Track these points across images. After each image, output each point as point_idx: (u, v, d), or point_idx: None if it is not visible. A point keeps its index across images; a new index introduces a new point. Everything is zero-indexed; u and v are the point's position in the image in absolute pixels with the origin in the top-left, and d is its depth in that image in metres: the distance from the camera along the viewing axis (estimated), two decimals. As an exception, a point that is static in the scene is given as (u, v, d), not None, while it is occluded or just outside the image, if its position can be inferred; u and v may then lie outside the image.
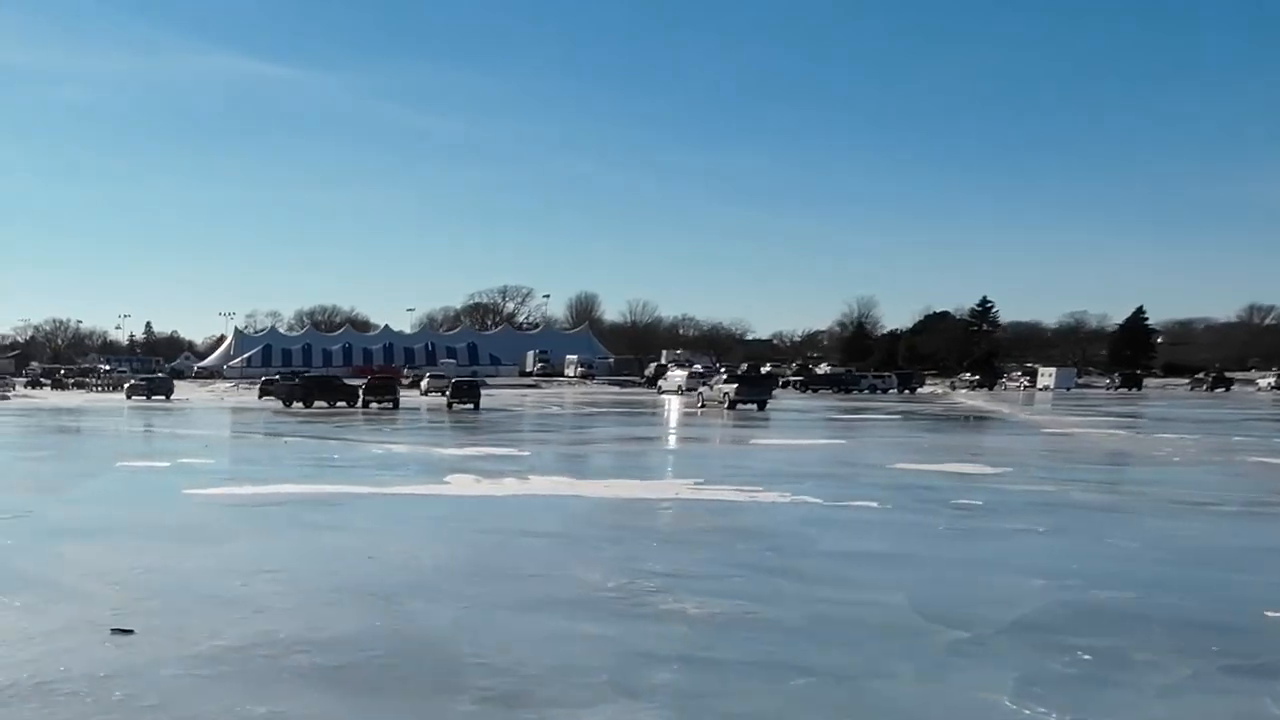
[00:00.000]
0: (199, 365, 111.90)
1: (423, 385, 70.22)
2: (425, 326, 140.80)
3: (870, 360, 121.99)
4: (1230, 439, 28.32)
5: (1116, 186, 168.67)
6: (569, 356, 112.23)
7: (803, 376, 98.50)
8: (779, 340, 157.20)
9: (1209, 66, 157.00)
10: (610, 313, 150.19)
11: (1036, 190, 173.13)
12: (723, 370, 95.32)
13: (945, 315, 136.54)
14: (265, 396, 61.83)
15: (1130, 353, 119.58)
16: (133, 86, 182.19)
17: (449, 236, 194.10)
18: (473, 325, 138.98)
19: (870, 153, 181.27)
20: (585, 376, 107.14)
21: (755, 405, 49.12)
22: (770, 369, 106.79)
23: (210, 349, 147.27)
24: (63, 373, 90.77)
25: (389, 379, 51.95)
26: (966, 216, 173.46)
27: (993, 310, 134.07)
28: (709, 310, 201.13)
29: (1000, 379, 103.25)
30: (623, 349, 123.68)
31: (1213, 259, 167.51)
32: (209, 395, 71.75)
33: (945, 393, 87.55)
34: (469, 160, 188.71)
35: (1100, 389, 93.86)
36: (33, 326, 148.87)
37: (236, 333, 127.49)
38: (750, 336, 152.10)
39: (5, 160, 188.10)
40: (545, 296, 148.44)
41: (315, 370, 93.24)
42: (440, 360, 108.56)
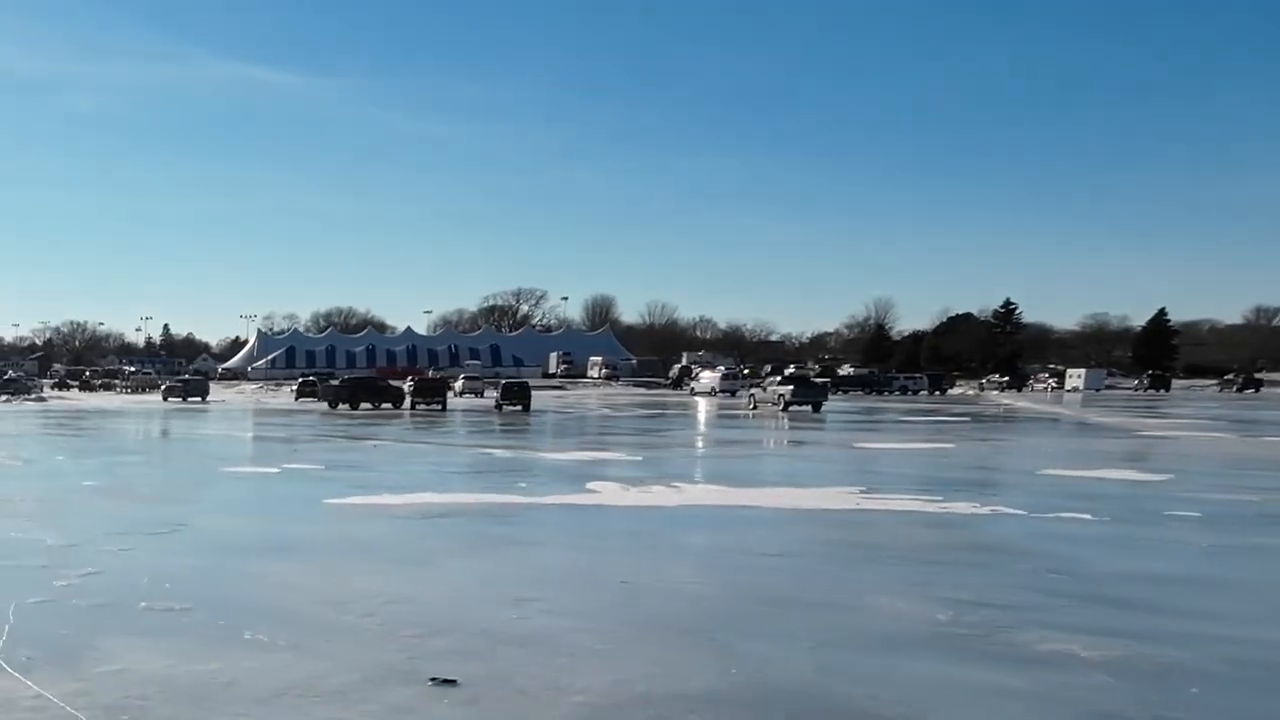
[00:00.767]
0: (223, 367, 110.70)
1: (457, 386, 69.22)
2: (440, 328, 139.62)
3: (891, 361, 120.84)
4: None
5: (1118, 188, 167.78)
6: (593, 358, 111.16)
7: (829, 378, 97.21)
8: (789, 342, 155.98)
9: (1204, 73, 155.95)
10: (627, 315, 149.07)
11: (1044, 194, 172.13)
12: (744, 370, 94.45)
13: (968, 317, 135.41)
14: (302, 398, 60.83)
15: (1152, 354, 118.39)
16: (143, 94, 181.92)
17: (460, 240, 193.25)
18: (492, 327, 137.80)
19: (879, 156, 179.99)
20: (609, 378, 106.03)
21: (810, 407, 47.99)
22: (795, 370, 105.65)
23: (226, 350, 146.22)
24: (88, 374, 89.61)
25: (438, 380, 50.81)
26: (977, 220, 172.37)
27: (1016, 312, 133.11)
28: (717, 312, 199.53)
29: (1027, 381, 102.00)
30: (641, 350, 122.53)
31: (1218, 261, 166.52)
32: (242, 397, 70.58)
33: (978, 394, 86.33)
34: (478, 166, 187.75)
35: (1127, 390, 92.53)
36: (50, 329, 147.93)
37: (259, 334, 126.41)
38: (774, 338, 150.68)
39: (19, 167, 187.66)
40: (563, 299, 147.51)
41: (340, 371, 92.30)
42: (464, 362, 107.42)
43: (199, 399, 60.87)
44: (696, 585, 8.97)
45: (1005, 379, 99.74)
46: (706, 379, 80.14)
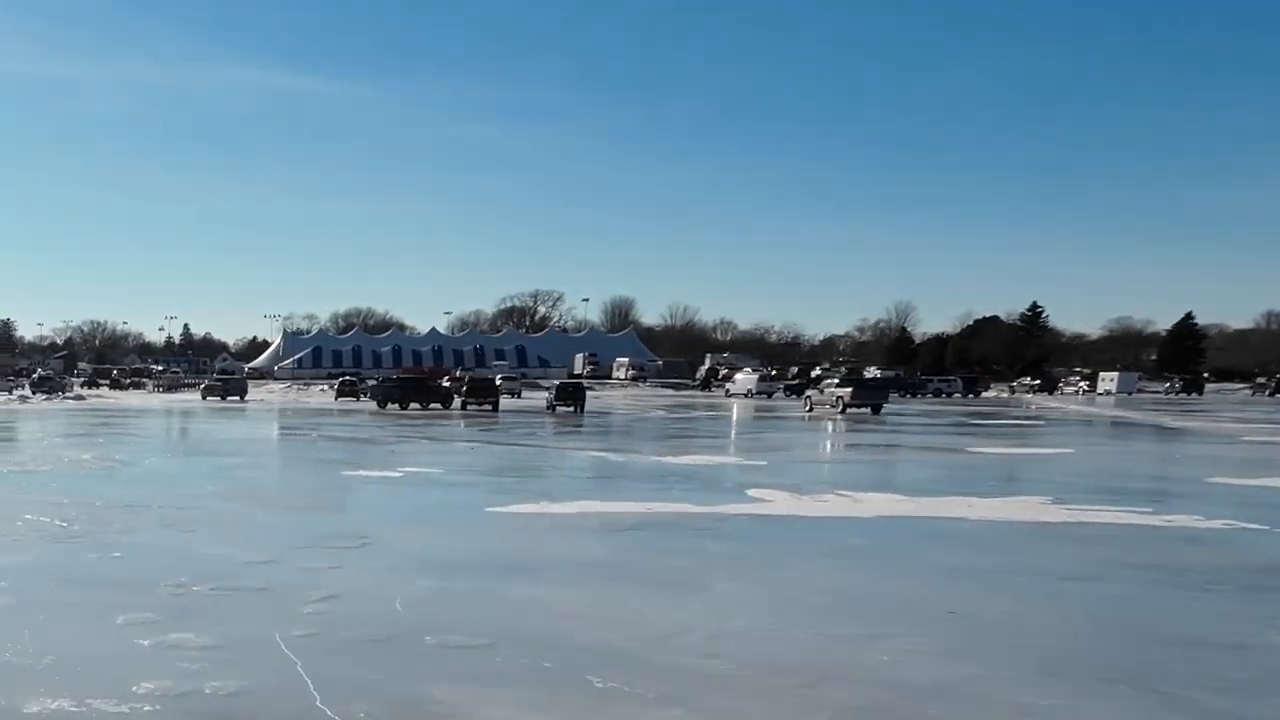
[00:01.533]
0: (249, 366, 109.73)
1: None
2: (459, 330, 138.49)
3: (915, 364, 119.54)
4: None
5: (1119, 191, 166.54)
6: (619, 359, 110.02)
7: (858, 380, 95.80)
8: (803, 343, 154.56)
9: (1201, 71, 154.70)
10: (646, 316, 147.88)
11: (1058, 198, 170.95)
12: (772, 372, 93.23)
13: (994, 320, 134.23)
14: (343, 397, 59.90)
15: (1178, 357, 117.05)
16: (159, 96, 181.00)
17: (475, 242, 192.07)
18: (512, 327, 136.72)
19: (894, 160, 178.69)
20: (636, 379, 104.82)
21: (870, 409, 46.79)
22: (820, 371, 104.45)
23: (244, 350, 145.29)
24: (116, 373, 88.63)
25: (490, 381, 49.68)
26: (992, 223, 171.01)
27: (1043, 315, 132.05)
28: (731, 314, 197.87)
29: (1058, 384, 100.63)
30: (662, 352, 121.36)
31: (1230, 265, 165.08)
32: (278, 396, 69.39)
33: (1010, 397, 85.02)
34: (490, 167, 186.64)
35: (1158, 393, 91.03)
36: (71, 327, 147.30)
37: (285, 334, 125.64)
38: (800, 340, 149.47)
39: (40, 167, 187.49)
40: (584, 300, 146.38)
41: (366, 371, 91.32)
42: (490, 363, 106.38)
43: (237, 398, 59.85)
44: (1045, 617, 7.72)
45: (1037, 382, 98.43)
46: (742, 381, 79.07)
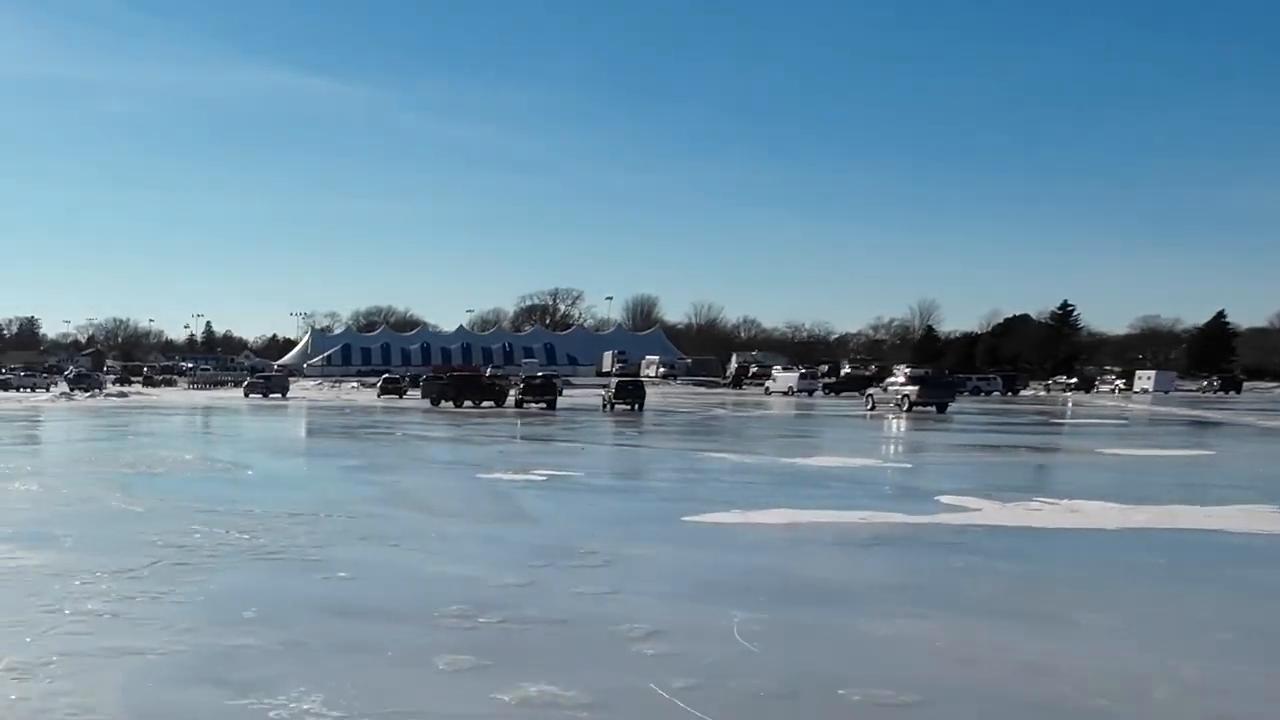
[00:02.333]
0: (278, 364, 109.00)
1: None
2: (482, 327, 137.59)
3: (943, 362, 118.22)
4: None
5: (1122, 192, 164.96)
6: (648, 357, 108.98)
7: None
8: (816, 341, 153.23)
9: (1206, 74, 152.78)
10: (669, 315, 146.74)
11: (1078, 198, 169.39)
12: (817, 369, 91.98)
13: (1025, 319, 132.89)
14: (386, 395, 59.00)
15: (1210, 355, 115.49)
16: (177, 99, 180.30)
17: (493, 242, 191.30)
18: (535, 325, 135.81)
19: (913, 160, 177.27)
20: (667, 376, 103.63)
21: (936, 408, 45.51)
22: (850, 369, 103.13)
23: (265, 347, 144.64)
24: (147, 371, 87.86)
25: (548, 380, 48.59)
26: (1018, 224, 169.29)
27: (1073, 314, 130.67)
28: (745, 311, 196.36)
29: (1094, 382, 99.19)
30: (686, 350, 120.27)
31: (1244, 264, 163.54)
32: (318, 394, 68.28)
33: (1047, 395, 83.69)
34: (508, 168, 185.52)
35: (1194, 392, 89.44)
36: (95, 325, 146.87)
37: (312, 332, 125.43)
38: (834, 337, 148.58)
39: (60, 168, 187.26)
40: (607, 298, 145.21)
41: (396, 369, 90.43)
42: (520, 361, 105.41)
43: (279, 395, 58.91)
44: None
45: (1074, 380, 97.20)
46: (784, 378, 78.12)
